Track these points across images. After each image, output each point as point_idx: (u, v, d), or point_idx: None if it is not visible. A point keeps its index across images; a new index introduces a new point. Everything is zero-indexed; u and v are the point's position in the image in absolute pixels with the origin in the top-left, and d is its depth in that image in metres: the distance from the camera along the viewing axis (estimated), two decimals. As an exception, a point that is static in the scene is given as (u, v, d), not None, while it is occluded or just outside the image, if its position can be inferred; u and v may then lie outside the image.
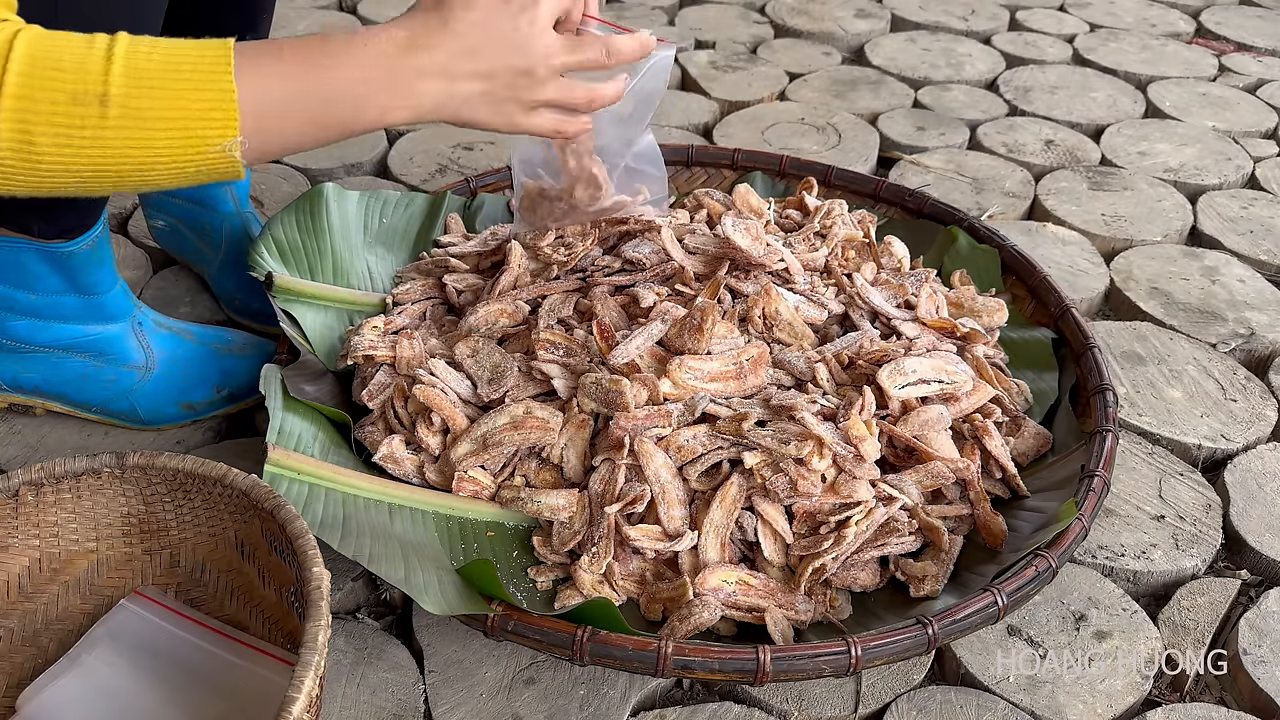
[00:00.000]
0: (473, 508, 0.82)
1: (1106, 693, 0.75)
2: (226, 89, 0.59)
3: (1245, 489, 0.93)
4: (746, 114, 1.54)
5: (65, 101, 0.57)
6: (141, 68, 0.58)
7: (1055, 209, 1.33)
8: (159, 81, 0.58)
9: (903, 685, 0.76)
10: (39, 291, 0.87)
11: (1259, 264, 1.25)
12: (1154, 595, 0.86)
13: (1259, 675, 0.76)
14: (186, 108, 0.59)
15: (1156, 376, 1.05)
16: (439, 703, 0.73)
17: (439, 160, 1.38)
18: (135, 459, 0.72)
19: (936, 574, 0.77)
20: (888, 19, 1.90)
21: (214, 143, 0.60)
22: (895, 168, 1.42)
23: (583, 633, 0.68)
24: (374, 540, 0.74)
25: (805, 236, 1.01)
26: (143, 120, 0.58)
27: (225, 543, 0.76)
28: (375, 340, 0.90)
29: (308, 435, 0.81)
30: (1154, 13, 2.00)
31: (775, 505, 0.78)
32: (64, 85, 0.57)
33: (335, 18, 1.78)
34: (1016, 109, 1.59)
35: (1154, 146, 1.50)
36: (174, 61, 0.59)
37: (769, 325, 0.90)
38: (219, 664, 0.71)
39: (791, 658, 0.67)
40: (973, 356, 0.91)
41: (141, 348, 0.93)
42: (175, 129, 0.59)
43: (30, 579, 0.73)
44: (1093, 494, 0.78)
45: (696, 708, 0.74)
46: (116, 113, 0.57)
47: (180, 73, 0.59)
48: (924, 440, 0.81)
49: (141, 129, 0.58)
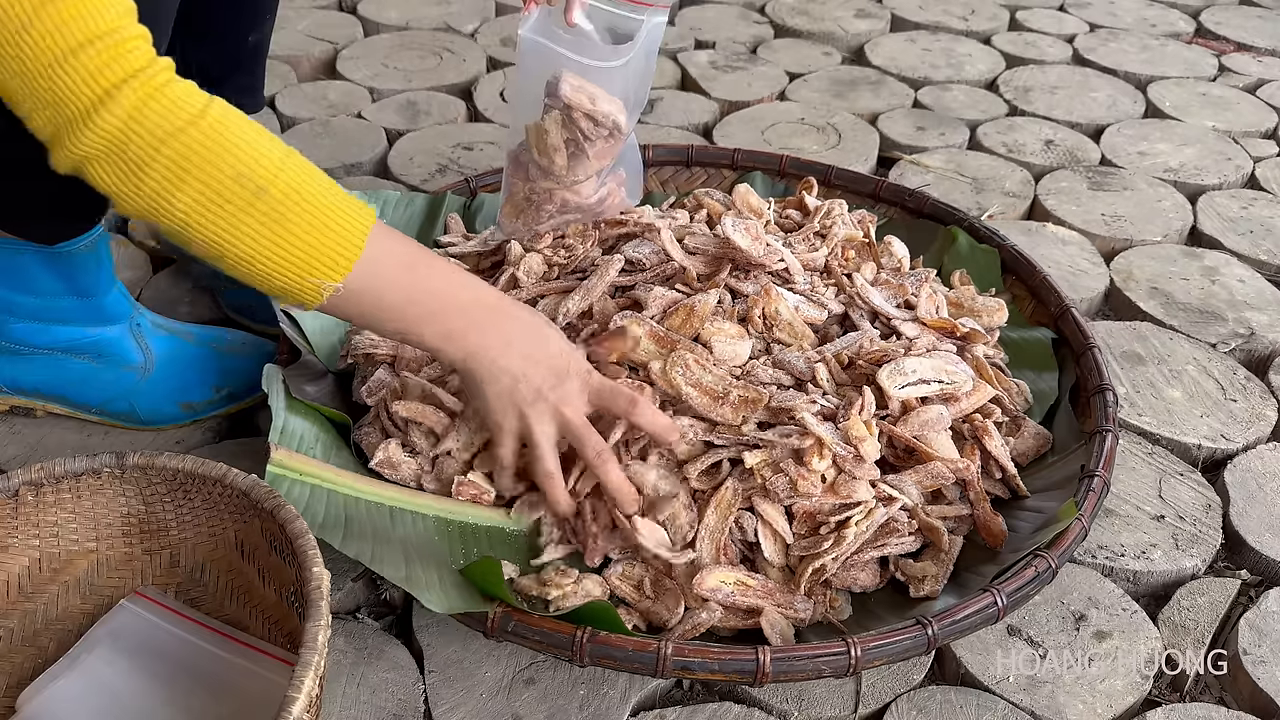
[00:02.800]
0: (473, 512, 0.82)
1: (1106, 693, 0.75)
2: (358, 244, 0.66)
3: (1245, 489, 0.93)
4: (746, 114, 1.54)
5: (229, 175, 0.62)
6: (305, 186, 0.65)
7: (1055, 209, 1.33)
8: (312, 204, 0.65)
9: (903, 685, 0.76)
10: (38, 294, 0.87)
11: (1259, 264, 1.25)
12: (1154, 595, 0.86)
13: (1259, 675, 0.76)
14: (321, 237, 0.65)
15: (1156, 376, 1.05)
16: (439, 703, 0.73)
17: (439, 160, 1.38)
18: (135, 459, 0.72)
19: (936, 574, 0.77)
20: (888, 19, 1.90)
21: (317, 277, 0.66)
22: (895, 168, 1.42)
23: (583, 633, 0.68)
24: (375, 541, 0.74)
25: (805, 236, 1.01)
26: (282, 226, 0.64)
27: (225, 543, 0.76)
28: (376, 339, 0.90)
29: (309, 436, 0.81)
30: (1154, 13, 2.00)
31: (775, 505, 0.78)
32: (233, 161, 0.62)
33: (336, 17, 1.78)
34: (1016, 109, 1.59)
35: (1154, 146, 1.50)
36: (331, 197, 0.66)
37: (769, 325, 0.90)
38: (219, 664, 0.71)
39: (791, 658, 0.67)
40: (973, 356, 0.91)
41: (140, 348, 0.93)
42: (299, 248, 0.65)
43: (30, 579, 0.73)
44: (1093, 494, 0.78)
45: (696, 708, 0.74)
46: (265, 208, 0.63)
47: (331, 208, 0.66)
48: (924, 440, 0.81)
49: (275, 232, 0.64)
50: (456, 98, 1.55)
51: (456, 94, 1.58)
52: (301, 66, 1.63)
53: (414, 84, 1.58)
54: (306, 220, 0.64)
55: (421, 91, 1.56)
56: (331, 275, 0.66)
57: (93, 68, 0.58)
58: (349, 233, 0.66)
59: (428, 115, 1.49)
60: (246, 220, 0.63)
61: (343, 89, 1.56)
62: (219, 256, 0.65)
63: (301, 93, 1.54)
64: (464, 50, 1.69)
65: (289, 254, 0.65)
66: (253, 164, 0.62)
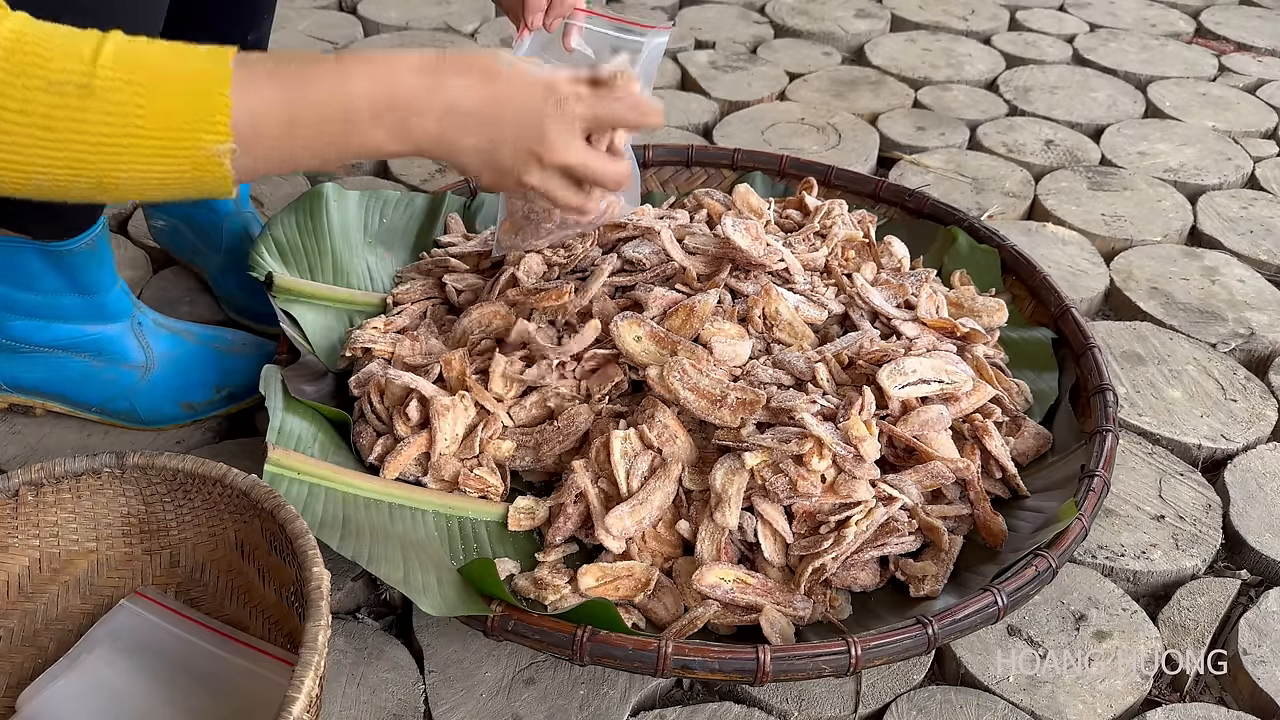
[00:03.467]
0: (472, 506, 0.82)
1: (1106, 693, 0.75)
2: (220, 94, 0.56)
3: (1245, 489, 0.93)
4: (746, 114, 1.54)
5: (40, 88, 0.53)
6: (132, 64, 0.55)
7: (1055, 209, 1.33)
8: (150, 79, 0.55)
9: (903, 685, 0.76)
10: (39, 291, 0.87)
11: (1259, 264, 1.25)
12: (1154, 595, 0.86)
13: (1259, 675, 0.76)
14: (176, 108, 0.56)
15: (1156, 376, 1.05)
16: (439, 703, 0.73)
17: (439, 160, 1.38)
18: (135, 459, 0.72)
19: (936, 574, 0.77)
20: (888, 19, 1.90)
21: (200, 146, 0.56)
22: (895, 168, 1.42)
23: (583, 633, 0.68)
24: (374, 540, 0.74)
25: (805, 236, 1.01)
26: (127, 116, 0.55)
27: (225, 543, 0.76)
28: (376, 336, 0.91)
29: (308, 435, 0.81)
30: (1154, 13, 2.00)
31: (775, 505, 0.78)
32: (41, 73, 0.53)
33: (336, 18, 1.78)
34: (1016, 109, 1.59)
35: (1154, 146, 1.50)
36: (168, 62, 0.56)
37: (769, 325, 0.90)
38: (219, 664, 0.71)
39: (791, 658, 0.67)
40: (973, 356, 0.91)
41: (141, 348, 0.93)
42: (162, 129, 0.55)
43: (30, 579, 0.73)
44: (1093, 494, 0.78)
45: (696, 708, 0.74)
46: (98, 105, 0.54)
47: (174, 74, 0.56)
48: (924, 440, 0.81)
49: (125, 125, 0.55)
50: (456, 98, 1.55)
51: (456, 94, 1.58)
52: (301, 66, 1.63)
53: (414, 84, 1.58)
54: (150, 96, 0.55)
55: (421, 91, 1.56)
56: (213, 135, 0.56)
57: None
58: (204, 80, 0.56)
59: (428, 115, 1.49)
60: (89, 129, 0.54)
61: (343, 89, 1.55)
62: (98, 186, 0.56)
63: (301, 93, 1.53)
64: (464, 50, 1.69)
65: (153, 141, 0.55)
66: (63, 66, 0.53)
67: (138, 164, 0.56)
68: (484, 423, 0.84)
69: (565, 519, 0.79)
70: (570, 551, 0.80)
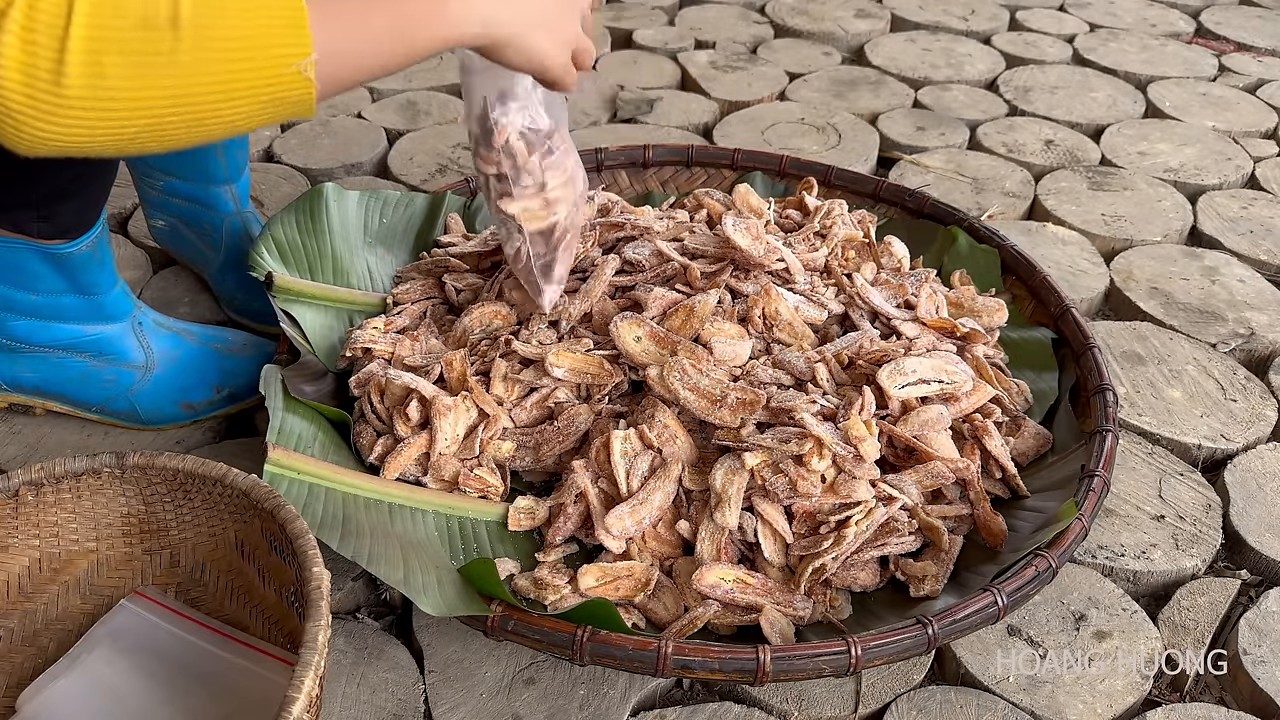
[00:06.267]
0: (472, 506, 0.82)
1: (1106, 693, 0.75)
2: (296, 6, 0.58)
3: (1245, 489, 0.93)
4: (746, 114, 1.54)
5: (135, 26, 0.54)
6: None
7: (1055, 209, 1.33)
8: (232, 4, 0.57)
9: (903, 685, 0.76)
10: (39, 292, 0.87)
11: (1259, 264, 1.25)
12: (1154, 595, 0.86)
13: (1259, 675, 0.76)
14: (257, 26, 0.57)
15: (1156, 376, 1.05)
16: (439, 703, 0.73)
17: (439, 160, 1.38)
18: (135, 459, 0.72)
19: (936, 574, 0.77)
20: (888, 19, 1.90)
21: (288, 62, 0.59)
22: (895, 168, 1.42)
23: (583, 632, 0.68)
24: (374, 540, 0.74)
25: (805, 236, 1.01)
26: (215, 42, 0.56)
27: (225, 543, 0.76)
28: (376, 336, 0.91)
29: (308, 435, 0.81)
30: (1154, 13, 2.00)
31: (775, 505, 0.78)
32: (132, 9, 0.54)
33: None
34: (1016, 109, 1.60)
35: (1154, 146, 1.50)
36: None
37: (769, 325, 0.90)
38: (219, 664, 0.71)
39: (791, 658, 0.67)
40: (973, 356, 0.91)
41: (142, 348, 0.93)
42: (248, 50, 0.57)
43: (30, 579, 0.73)
44: (1093, 494, 0.78)
45: (696, 708, 0.74)
46: (189, 35, 0.55)
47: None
48: (924, 440, 0.81)
49: (215, 51, 0.56)
50: (456, 97, 1.55)
51: (456, 94, 1.58)
52: (301, 66, 1.63)
53: (414, 84, 1.58)
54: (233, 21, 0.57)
55: (421, 91, 1.56)
56: (299, 49, 0.59)
57: None
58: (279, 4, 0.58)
59: (428, 115, 1.49)
60: (184, 61, 0.56)
61: (343, 89, 1.55)
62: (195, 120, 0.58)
63: (301, 93, 1.54)
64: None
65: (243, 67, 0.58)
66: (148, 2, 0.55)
67: (231, 92, 0.58)
68: (484, 424, 0.84)
69: (565, 519, 0.79)
70: (570, 551, 0.80)
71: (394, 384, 0.85)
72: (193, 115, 0.58)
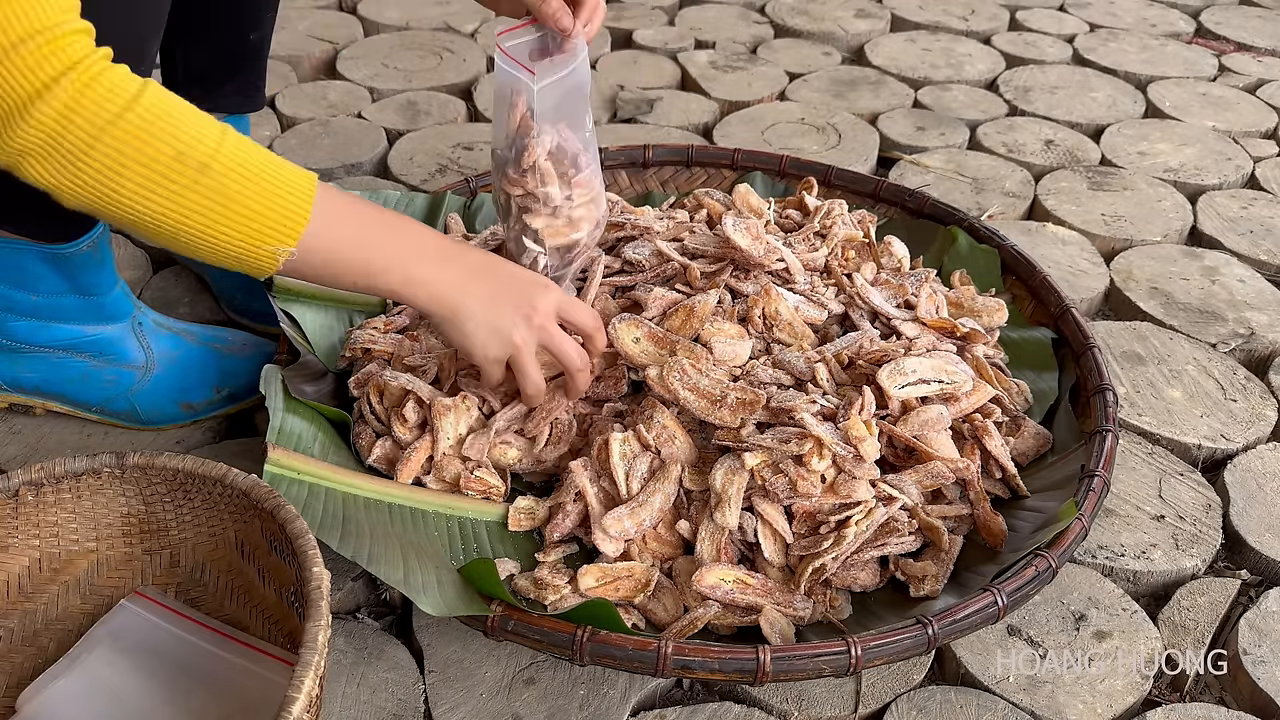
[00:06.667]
0: (472, 506, 0.82)
1: (1106, 693, 0.75)
2: (305, 206, 0.68)
3: (1245, 489, 0.93)
4: (746, 114, 1.54)
5: (169, 154, 0.62)
6: (245, 159, 0.66)
7: (1055, 209, 1.33)
8: (256, 174, 0.66)
9: (903, 685, 0.76)
10: (39, 292, 0.87)
11: (1259, 264, 1.25)
12: (1154, 595, 0.86)
13: (1259, 675, 0.76)
14: (268, 205, 0.66)
15: (1156, 376, 1.05)
16: (439, 703, 0.73)
17: (439, 160, 1.38)
18: (135, 459, 0.72)
19: (936, 574, 0.77)
20: (888, 19, 1.90)
21: (272, 244, 0.67)
22: (895, 168, 1.42)
23: (583, 633, 0.68)
24: (374, 540, 0.74)
25: (805, 236, 1.01)
26: (226, 199, 0.65)
27: (225, 543, 0.76)
28: (376, 336, 0.91)
29: (308, 435, 0.81)
30: (1154, 13, 2.00)
31: (775, 505, 0.78)
32: (173, 140, 0.62)
33: (335, 17, 1.78)
34: (1016, 109, 1.59)
35: (1154, 146, 1.50)
36: (271, 167, 0.67)
37: (769, 325, 0.90)
38: (219, 664, 0.71)
39: (791, 658, 0.67)
40: (973, 356, 0.91)
41: (142, 348, 0.93)
42: (248, 218, 0.66)
43: (30, 579, 0.73)
44: (1093, 494, 0.78)
45: (696, 708, 0.74)
46: (210, 183, 0.64)
47: (273, 179, 0.67)
48: (924, 440, 0.81)
49: (221, 206, 0.65)
50: (456, 98, 1.56)
51: (456, 94, 1.58)
52: (302, 66, 1.63)
53: (414, 84, 1.58)
54: (252, 190, 0.65)
55: (421, 91, 1.56)
56: (285, 240, 0.67)
57: (31, 62, 0.58)
58: (295, 197, 0.67)
59: (428, 115, 1.49)
60: (193, 198, 0.64)
61: (343, 89, 1.56)
62: (171, 237, 0.66)
63: (302, 93, 1.54)
64: (464, 50, 1.69)
65: (240, 225, 0.66)
66: (192, 143, 0.63)
67: (212, 238, 0.66)
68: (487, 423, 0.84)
69: (564, 516, 0.79)
70: (570, 552, 0.80)
71: (391, 385, 0.85)
72: (163, 233, 0.65)
